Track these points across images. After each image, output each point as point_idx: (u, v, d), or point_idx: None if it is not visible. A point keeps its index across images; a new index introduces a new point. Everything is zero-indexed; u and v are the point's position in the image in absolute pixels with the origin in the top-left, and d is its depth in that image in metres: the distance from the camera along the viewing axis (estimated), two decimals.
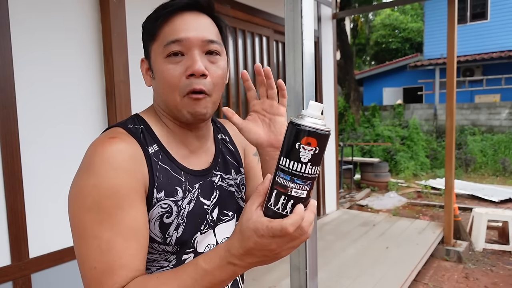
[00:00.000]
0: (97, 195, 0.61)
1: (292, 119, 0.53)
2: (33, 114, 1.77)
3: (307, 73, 1.04)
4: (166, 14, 0.71)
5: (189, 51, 0.70)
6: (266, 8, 3.48)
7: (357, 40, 17.92)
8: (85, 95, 1.97)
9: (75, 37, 1.93)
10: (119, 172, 0.63)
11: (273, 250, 0.55)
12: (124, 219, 0.62)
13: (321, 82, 4.62)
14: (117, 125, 0.73)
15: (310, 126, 0.51)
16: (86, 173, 0.63)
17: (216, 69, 0.73)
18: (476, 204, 5.83)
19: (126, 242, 0.61)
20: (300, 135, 0.51)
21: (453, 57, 3.82)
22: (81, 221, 0.61)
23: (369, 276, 3.07)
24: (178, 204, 0.72)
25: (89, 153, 0.66)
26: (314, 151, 0.51)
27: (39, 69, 1.79)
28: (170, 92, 0.71)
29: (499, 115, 9.97)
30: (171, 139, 0.76)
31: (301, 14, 0.98)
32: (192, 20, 0.71)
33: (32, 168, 1.75)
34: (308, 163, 0.52)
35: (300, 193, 0.53)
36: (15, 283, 1.70)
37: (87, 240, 0.61)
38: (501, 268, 3.75)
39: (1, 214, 1.66)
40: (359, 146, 9.45)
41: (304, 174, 0.52)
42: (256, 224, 0.54)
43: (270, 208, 0.54)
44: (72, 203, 0.64)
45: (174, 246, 0.71)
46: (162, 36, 0.71)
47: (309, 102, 0.54)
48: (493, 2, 11.28)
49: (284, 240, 0.54)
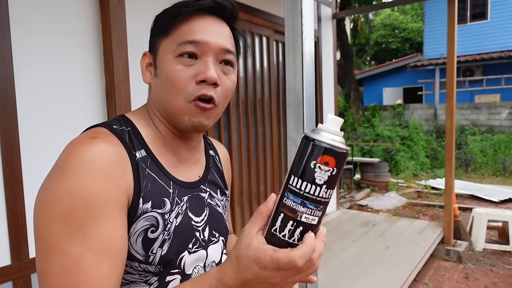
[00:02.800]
0: (69, 203, 0.52)
1: (307, 134, 0.46)
2: (33, 114, 1.77)
3: (307, 73, 1.04)
4: (187, 13, 0.65)
5: (204, 56, 0.65)
6: (266, 8, 3.48)
7: (357, 40, 17.92)
8: (85, 95, 1.97)
9: (75, 37, 1.92)
10: (97, 178, 0.54)
11: (275, 284, 0.48)
12: (98, 232, 0.53)
13: (321, 82, 4.62)
14: (100, 125, 0.65)
15: (328, 143, 0.44)
16: (58, 177, 0.54)
17: (228, 81, 0.69)
18: (476, 204, 5.83)
19: (97, 260, 0.52)
20: (317, 153, 0.44)
21: (453, 57, 3.82)
22: (46, 232, 0.52)
23: (369, 276, 3.07)
24: (165, 218, 0.64)
25: (64, 154, 0.57)
26: (331, 172, 0.45)
27: (39, 69, 1.79)
28: (174, 95, 0.65)
29: (499, 115, 9.97)
30: (159, 144, 0.69)
31: (301, 14, 0.98)
32: (213, 25, 0.67)
33: (32, 168, 1.75)
34: (324, 185, 0.45)
35: (311, 219, 0.46)
36: (15, 283, 1.70)
37: (51, 255, 0.52)
38: (501, 268, 3.74)
39: (1, 214, 1.66)
40: (359, 146, 9.45)
41: (318, 198, 0.45)
42: (258, 253, 0.46)
43: (274, 234, 0.47)
44: (38, 210, 0.54)
45: (157, 266, 0.63)
46: (177, 33, 0.65)
47: (328, 115, 0.47)
48: (493, 2, 11.28)
49: (289, 274, 0.47)
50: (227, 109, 3.19)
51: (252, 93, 3.46)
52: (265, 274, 0.47)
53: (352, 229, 4.33)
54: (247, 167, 3.43)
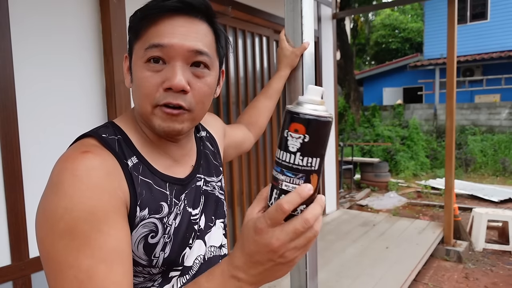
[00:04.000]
0: (71, 219, 0.52)
1: (287, 106, 0.48)
2: (33, 114, 1.77)
3: (307, 73, 1.04)
4: (153, 15, 0.62)
5: (171, 60, 0.61)
6: (266, 8, 3.48)
7: (357, 40, 17.92)
8: (85, 95, 1.97)
9: (75, 37, 1.92)
10: (95, 192, 0.54)
11: (276, 251, 0.47)
12: (106, 242, 0.53)
13: (321, 82, 4.62)
14: (89, 134, 0.63)
15: (296, 111, 0.45)
16: (54, 195, 0.54)
17: (201, 85, 0.64)
18: (476, 204, 5.83)
19: (109, 268, 0.52)
20: (288, 121, 0.46)
21: (453, 57, 3.82)
22: (53, 250, 0.52)
23: (369, 276, 3.07)
24: (163, 222, 0.64)
25: (57, 171, 0.56)
26: (303, 139, 0.45)
27: (39, 69, 1.79)
28: (143, 102, 0.63)
29: (499, 115, 9.97)
30: (150, 149, 0.67)
31: (301, 14, 0.98)
32: (182, 25, 0.62)
33: (32, 168, 1.75)
34: (298, 152, 0.45)
35: (291, 187, 0.46)
36: (15, 283, 1.70)
37: (62, 272, 0.51)
38: (501, 268, 3.74)
39: (1, 214, 1.66)
40: (359, 146, 9.45)
41: (294, 165, 0.46)
42: (255, 221, 0.48)
43: (268, 206, 0.49)
44: (40, 229, 0.54)
45: (161, 267, 0.64)
46: (145, 37, 0.63)
47: (308, 86, 0.48)
48: (493, 2, 11.29)
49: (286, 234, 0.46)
50: (227, 109, 3.19)
51: (252, 93, 3.46)
52: (263, 238, 0.47)
53: (352, 229, 4.33)
54: (247, 167, 3.43)
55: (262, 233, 0.47)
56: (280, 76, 1.07)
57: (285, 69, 1.05)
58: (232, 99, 3.25)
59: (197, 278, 0.55)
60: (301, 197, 0.45)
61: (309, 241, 0.48)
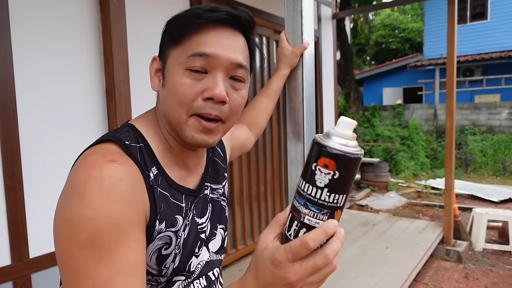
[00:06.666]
0: (94, 230, 0.51)
1: (315, 137, 0.46)
2: (33, 114, 1.77)
3: (307, 73, 1.04)
4: (199, 24, 0.62)
5: (213, 70, 0.62)
6: (266, 8, 3.48)
7: (357, 40, 17.92)
8: (85, 95, 1.97)
9: (75, 37, 1.92)
10: (120, 204, 0.54)
11: (293, 285, 0.46)
12: (126, 254, 0.53)
13: (321, 82, 4.62)
14: (112, 139, 0.61)
15: (329, 146, 0.43)
16: (78, 203, 0.52)
17: (237, 96, 0.65)
18: (476, 204, 5.83)
19: (127, 280, 0.53)
20: (316, 155, 0.44)
21: (453, 57, 3.82)
22: (73, 258, 0.52)
23: (369, 276, 3.07)
24: (177, 235, 0.65)
25: (81, 176, 0.54)
26: (332, 175, 0.44)
27: (39, 69, 1.79)
28: (178, 108, 0.62)
29: (499, 115, 9.97)
30: (170, 159, 0.67)
31: (301, 14, 0.98)
32: (225, 37, 0.63)
33: (32, 168, 1.75)
34: (325, 188, 0.44)
35: (314, 222, 0.46)
36: (15, 283, 1.70)
37: (80, 281, 0.51)
38: (501, 268, 3.74)
39: (1, 214, 1.65)
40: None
41: (320, 200, 0.45)
42: (273, 252, 0.47)
43: (286, 235, 0.48)
44: (60, 237, 0.53)
45: (169, 276, 0.65)
46: (187, 44, 0.62)
47: (340, 118, 0.46)
48: (493, 2, 11.29)
49: (305, 269, 0.46)
50: None
51: (252, 93, 3.46)
52: (281, 272, 0.46)
53: (352, 229, 4.33)
54: (247, 167, 3.43)
55: (281, 267, 0.46)
56: (279, 75, 1.08)
57: (284, 68, 1.05)
58: None
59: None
60: (326, 235, 0.45)
61: (326, 276, 0.48)
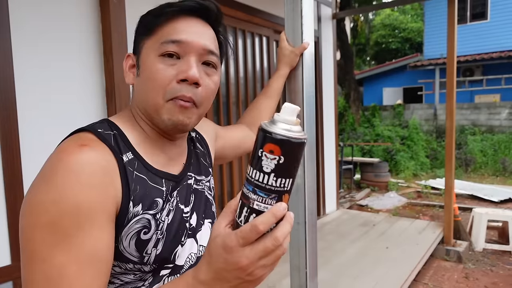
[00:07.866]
0: (55, 212, 0.51)
1: (261, 124, 0.47)
2: (33, 114, 1.77)
3: (307, 73, 1.04)
4: (171, 13, 0.66)
5: (186, 55, 0.65)
6: (266, 8, 3.48)
7: (357, 40, 17.92)
8: (85, 95, 1.97)
9: (75, 37, 1.93)
10: (84, 187, 0.53)
11: (245, 269, 0.47)
12: (84, 242, 0.52)
13: (321, 82, 4.62)
14: (85, 129, 0.63)
15: (272, 132, 0.44)
16: (45, 186, 0.53)
17: (210, 82, 0.68)
18: (476, 204, 5.83)
19: (81, 269, 0.52)
20: (262, 141, 0.45)
21: (453, 57, 3.82)
22: (31, 240, 0.52)
23: (369, 276, 3.07)
24: (156, 218, 0.64)
25: (52, 162, 0.55)
26: (278, 160, 0.44)
27: (39, 70, 1.79)
28: (155, 94, 0.64)
29: (499, 115, 9.97)
30: (147, 146, 0.68)
31: (301, 14, 0.98)
32: (197, 26, 0.67)
33: (32, 168, 1.75)
34: (272, 173, 0.45)
35: (263, 207, 0.46)
36: (15, 283, 1.70)
37: (34, 264, 0.51)
38: (501, 268, 3.75)
39: (1, 214, 1.66)
40: (359, 146, 9.45)
41: (267, 186, 0.45)
42: (224, 238, 0.47)
43: (237, 222, 0.48)
44: (23, 219, 0.53)
45: (152, 265, 0.64)
46: (161, 33, 0.66)
47: (284, 104, 0.47)
48: (493, 2, 11.29)
49: (256, 252, 0.46)
50: (227, 109, 3.19)
51: (252, 93, 3.46)
52: (232, 257, 0.46)
53: (352, 229, 4.33)
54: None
55: (232, 252, 0.46)
56: (279, 75, 1.08)
57: (284, 68, 1.06)
58: (232, 99, 3.25)
59: (161, 287, 0.55)
60: (276, 218, 0.46)
61: (277, 259, 0.48)
